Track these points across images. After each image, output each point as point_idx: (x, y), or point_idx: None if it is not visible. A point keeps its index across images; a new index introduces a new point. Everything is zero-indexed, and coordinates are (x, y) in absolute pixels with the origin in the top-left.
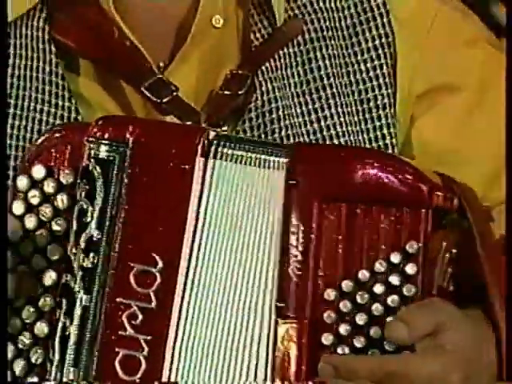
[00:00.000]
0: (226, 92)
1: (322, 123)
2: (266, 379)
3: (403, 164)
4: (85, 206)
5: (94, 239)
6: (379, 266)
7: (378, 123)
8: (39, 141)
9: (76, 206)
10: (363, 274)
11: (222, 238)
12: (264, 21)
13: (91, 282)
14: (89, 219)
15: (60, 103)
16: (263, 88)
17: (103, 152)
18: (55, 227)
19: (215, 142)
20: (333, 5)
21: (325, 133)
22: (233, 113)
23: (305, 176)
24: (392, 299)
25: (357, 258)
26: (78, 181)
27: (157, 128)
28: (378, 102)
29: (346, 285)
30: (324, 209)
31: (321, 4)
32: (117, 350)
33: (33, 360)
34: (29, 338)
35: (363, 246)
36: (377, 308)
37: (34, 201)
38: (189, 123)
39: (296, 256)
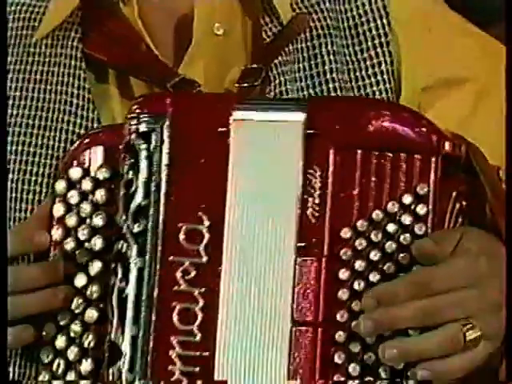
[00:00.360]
0: (243, 84)
1: None
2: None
3: (415, 115)
4: (130, 177)
5: (142, 206)
6: (392, 207)
7: None
8: (74, 146)
9: (122, 179)
10: (377, 214)
11: (254, 191)
12: (274, 20)
13: (143, 245)
14: (135, 188)
15: (85, 114)
16: (276, 81)
17: (144, 125)
18: (96, 221)
19: (241, 106)
20: (337, 7)
21: None
22: None
23: (321, 125)
24: (404, 237)
25: (370, 200)
26: (122, 155)
27: (192, 98)
28: (377, 97)
29: (361, 224)
30: (340, 155)
31: (327, 5)
32: (173, 304)
33: (85, 345)
34: (80, 326)
35: (376, 188)
36: (390, 245)
37: (73, 200)
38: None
39: (314, 199)
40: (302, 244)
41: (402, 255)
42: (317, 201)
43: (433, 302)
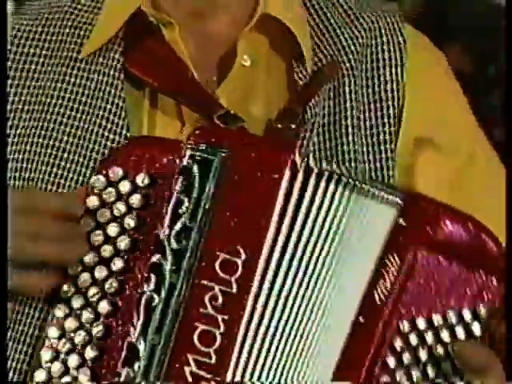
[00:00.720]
0: (279, 125)
1: (339, 148)
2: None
3: (493, 237)
4: (181, 198)
5: (188, 227)
6: (452, 316)
7: (378, 156)
8: (118, 148)
9: (173, 197)
10: (437, 319)
11: (309, 248)
12: (300, 65)
13: (180, 263)
14: (184, 210)
15: (116, 120)
16: (309, 123)
17: (203, 153)
18: (128, 222)
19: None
20: (361, 51)
21: (340, 156)
22: None
23: (412, 220)
24: (453, 348)
25: (435, 303)
26: (176, 176)
27: (250, 138)
28: (381, 138)
29: (420, 323)
30: (419, 252)
31: (352, 48)
32: (196, 324)
33: (93, 332)
34: (92, 314)
35: (442, 294)
36: (439, 352)
37: (109, 198)
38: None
39: (385, 284)
40: (361, 319)
41: (444, 364)
42: (388, 286)
43: None
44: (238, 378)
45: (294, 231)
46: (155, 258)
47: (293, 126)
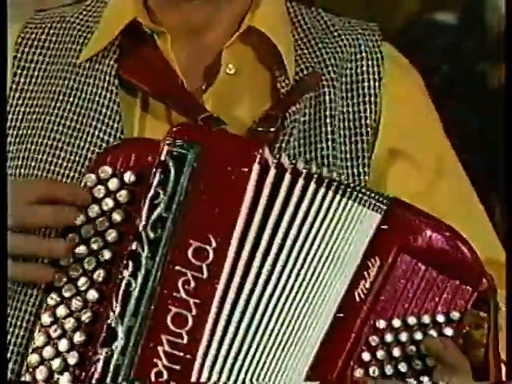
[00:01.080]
0: (259, 128)
1: (318, 153)
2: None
3: (468, 245)
4: (157, 190)
5: (163, 217)
6: (426, 319)
7: (355, 163)
8: (108, 149)
9: (150, 189)
10: (412, 320)
11: (280, 240)
12: (283, 74)
13: (155, 251)
14: (159, 201)
15: (110, 123)
16: (288, 129)
17: (178, 149)
18: (115, 216)
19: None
20: (340, 64)
21: (319, 160)
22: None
23: (394, 226)
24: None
25: (411, 305)
26: (154, 171)
27: (223, 135)
28: (359, 146)
29: (396, 322)
30: (399, 256)
31: (332, 61)
32: (170, 307)
33: (83, 319)
34: (81, 302)
35: (420, 297)
36: (411, 350)
37: (99, 194)
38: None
39: (365, 284)
40: (341, 314)
41: (416, 361)
42: (367, 285)
43: None
44: (208, 358)
45: (267, 223)
46: (133, 246)
47: (272, 130)
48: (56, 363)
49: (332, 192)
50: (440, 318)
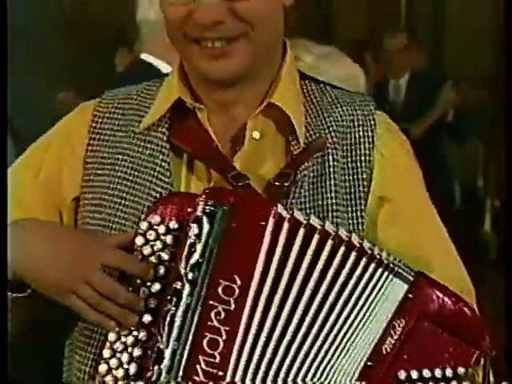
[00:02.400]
0: (276, 183)
1: (324, 201)
2: None
3: (471, 308)
4: (193, 240)
5: (199, 262)
6: (438, 372)
7: (354, 208)
8: (158, 201)
9: (188, 240)
10: (426, 373)
11: (299, 288)
12: (299, 138)
13: (193, 289)
14: (196, 249)
15: (163, 178)
16: (299, 183)
17: (210, 208)
18: (163, 255)
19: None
20: (342, 130)
21: (325, 207)
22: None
23: (417, 295)
24: None
25: (424, 360)
26: (191, 224)
27: (244, 196)
28: (356, 195)
29: (413, 373)
30: (419, 320)
31: (334, 128)
32: (205, 333)
33: (139, 337)
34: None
35: (432, 354)
36: None
37: (151, 237)
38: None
39: (391, 340)
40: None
41: None
42: (393, 342)
43: None
44: (238, 373)
45: (285, 268)
46: (177, 286)
47: (286, 184)
48: (119, 372)
49: (356, 254)
50: (449, 373)
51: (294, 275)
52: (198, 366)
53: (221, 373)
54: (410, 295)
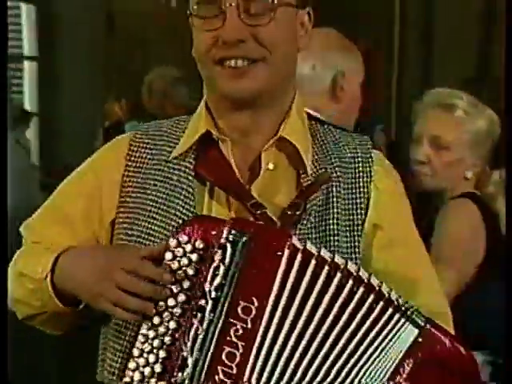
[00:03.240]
0: (289, 212)
1: (328, 226)
2: None
3: (475, 362)
4: (218, 264)
5: (222, 283)
6: None
7: (353, 233)
8: (185, 222)
9: (213, 263)
10: None
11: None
12: (307, 172)
13: (216, 306)
14: (219, 272)
15: (188, 201)
16: (308, 211)
17: (233, 236)
18: (188, 271)
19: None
20: (344, 166)
21: (329, 232)
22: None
23: (427, 344)
24: None
25: None
26: (216, 249)
27: (263, 227)
28: (355, 222)
29: None
30: (425, 366)
31: (338, 163)
32: (224, 347)
33: (165, 341)
34: (164, 328)
35: None
36: None
37: (178, 254)
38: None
39: (400, 378)
40: None
41: None
42: (402, 380)
43: None
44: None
45: (297, 295)
46: (201, 303)
47: (297, 213)
48: (146, 370)
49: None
50: None
51: (304, 302)
52: (216, 376)
53: (236, 382)
54: (420, 339)
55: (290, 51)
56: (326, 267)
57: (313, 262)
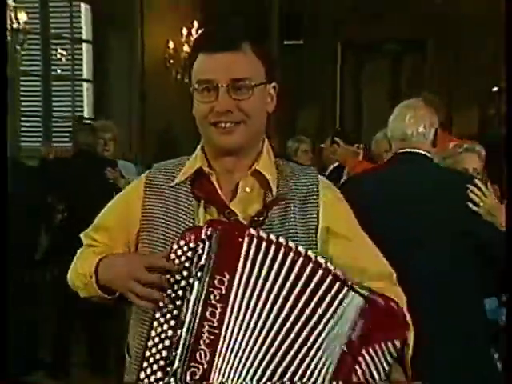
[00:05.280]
0: (255, 218)
1: (289, 231)
2: None
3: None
4: (201, 253)
5: (202, 265)
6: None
7: (310, 238)
8: (185, 232)
9: (197, 252)
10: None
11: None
12: (268, 191)
13: (200, 280)
14: (201, 258)
15: (189, 216)
16: (270, 217)
17: (206, 233)
18: (186, 263)
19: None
20: (299, 185)
21: (289, 235)
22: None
23: (371, 308)
24: None
25: (372, 343)
26: (198, 243)
27: (231, 224)
28: (310, 228)
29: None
30: (369, 325)
31: (294, 183)
32: (208, 307)
33: (174, 313)
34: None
35: (376, 338)
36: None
37: (177, 252)
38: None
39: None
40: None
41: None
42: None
43: None
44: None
45: (255, 267)
46: (190, 280)
47: (261, 219)
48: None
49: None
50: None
51: (260, 271)
52: (203, 328)
53: (217, 331)
54: (367, 306)
55: (262, 115)
56: (273, 246)
57: (264, 243)
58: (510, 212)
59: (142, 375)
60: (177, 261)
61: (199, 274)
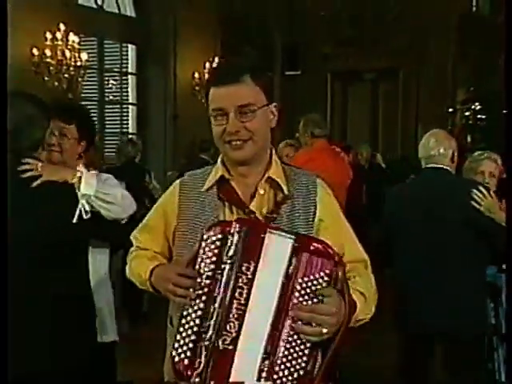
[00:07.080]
0: (268, 215)
1: (294, 224)
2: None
3: (334, 252)
4: (231, 244)
5: (232, 255)
6: (313, 278)
7: (308, 227)
8: (212, 223)
9: (227, 244)
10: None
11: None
12: (278, 192)
13: (231, 267)
14: (231, 248)
15: (214, 213)
16: (281, 214)
17: (237, 228)
18: (215, 251)
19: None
20: (301, 184)
21: (293, 228)
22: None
23: (301, 243)
24: None
25: (308, 273)
26: (229, 236)
27: (253, 222)
28: (308, 220)
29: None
30: (304, 258)
31: (297, 188)
32: (237, 289)
33: (201, 306)
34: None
35: (312, 271)
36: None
37: (207, 240)
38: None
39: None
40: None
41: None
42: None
43: None
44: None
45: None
46: (223, 266)
47: (274, 215)
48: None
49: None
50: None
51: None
52: (233, 305)
53: (243, 307)
54: (297, 244)
55: (266, 131)
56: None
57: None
58: (511, 211)
59: (178, 337)
60: (207, 248)
61: (229, 261)
